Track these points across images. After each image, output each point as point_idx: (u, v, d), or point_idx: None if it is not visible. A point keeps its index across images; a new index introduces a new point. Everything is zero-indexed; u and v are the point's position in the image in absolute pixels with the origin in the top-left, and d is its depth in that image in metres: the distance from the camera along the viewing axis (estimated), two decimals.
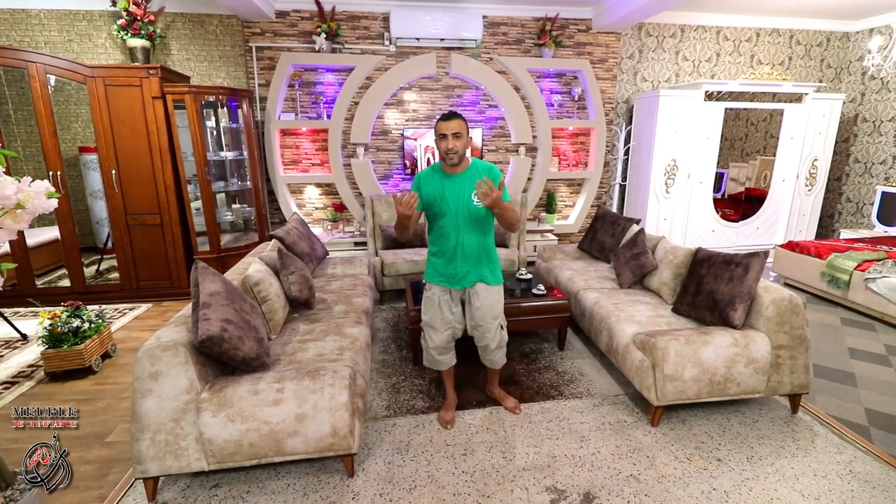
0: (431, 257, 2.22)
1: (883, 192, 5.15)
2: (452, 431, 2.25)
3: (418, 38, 4.51)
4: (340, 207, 4.86)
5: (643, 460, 2.06)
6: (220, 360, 1.90)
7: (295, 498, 1.85)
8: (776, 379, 2.31)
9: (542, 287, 3.03)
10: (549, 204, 5.20)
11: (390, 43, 4.58)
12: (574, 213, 5.34)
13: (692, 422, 2.34)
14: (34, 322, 3.29)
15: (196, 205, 4.13)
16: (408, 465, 2.02)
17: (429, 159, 4.82)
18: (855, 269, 3.82)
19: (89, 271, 4.15)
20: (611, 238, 3.67)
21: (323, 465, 2.03)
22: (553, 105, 5.00)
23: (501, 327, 2.28)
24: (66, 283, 3.97)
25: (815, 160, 5.24)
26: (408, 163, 4.83)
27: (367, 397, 2.38)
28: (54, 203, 1.58)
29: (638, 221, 3.59)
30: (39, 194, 1.54)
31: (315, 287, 2.91)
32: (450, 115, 2.02)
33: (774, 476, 1.98)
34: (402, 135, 4.80)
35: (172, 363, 1.73)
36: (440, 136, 2.03)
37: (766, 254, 2.38)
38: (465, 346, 2.54)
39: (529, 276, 3.31)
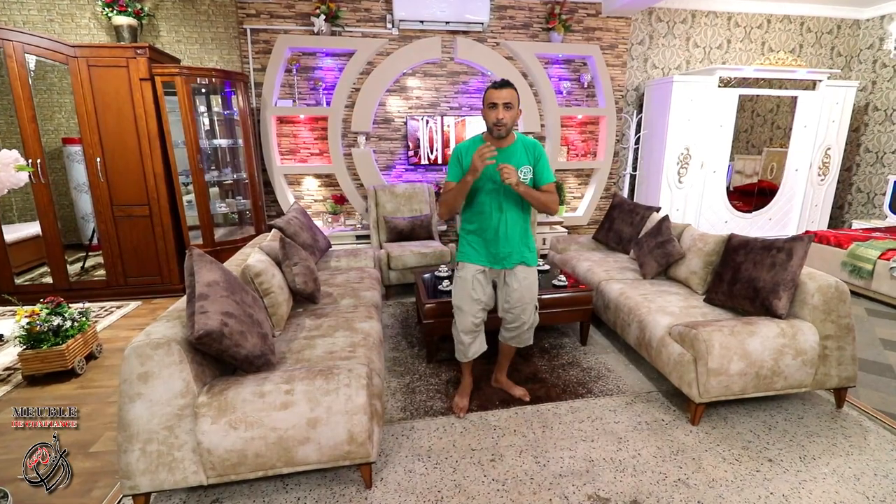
0: (468, 235, 2.10)
1: (895, 182, 5.04)
2: (477, 434, 2.05)
3: (422, 21, 4.30)
4: (341, 199, 4.63)
5: (689, 463, 1.88)
6: (219, 359, 1.68)
7: None
8: (823, 371, 2.14)
9: (563, 278, 2.84)
10: (557, 195, 5.00)
11: (393, 26, 4.36)
12: (583, 205, 5.16)
13: (734, 419, 2.16)
14: (10, 322, 3.03)
15: (188, 197, 3.89)
16: (431, 474, 1.82)
17: (432, 135, 4.60)
18: (879, 257, 3.68)
19: (73, 269, 3.89)
20: (629, 227, 3.49)
21: (336, 475, 1.81)
22: (562, 92, 4.81)
23: (536, 308, 2.18)
24: (48, 280, 3.71)
25: (829, 149, 5.11)
26: (411, 144, 4.60)
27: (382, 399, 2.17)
28: (24, 177, 1.35)
29: (658, 209, 3.42)
30: (6, 166, 1.31)
31: (319, 280, 2.69)
32: (503, 84, 1.90)
33: (832, 477, 1.80)
34: (406, 123, 4.58)
35: (165, 363, 1.51)
36: (490, 106, 1.91)
37: (810, 237, 2.21)
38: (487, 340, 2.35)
39: (547, 267, 3.12)
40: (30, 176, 3.37)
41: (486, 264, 2.08)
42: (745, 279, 2.30)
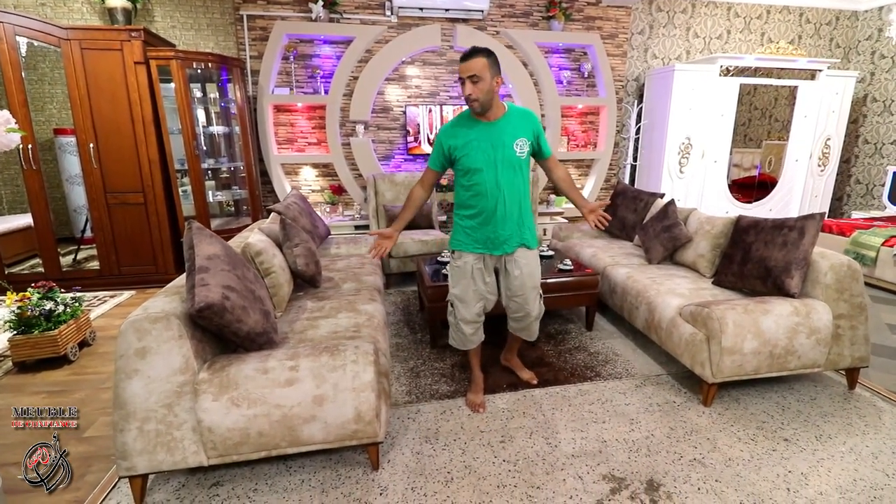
0: (462, 220, 1.95)
1: (894, 173, 5.04)
2: (485, 416, 2.00)
3: (421, 9, 4.25)
4: (339, 190, 4.57)
5: (704, 443, 1.83)
6: (219, 335, 1.61)
7: (312, 496, 1.57)
8: (836, 351, 2.11)
9: (568, 262, 2.80)
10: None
11: (392, 13, 4.30)
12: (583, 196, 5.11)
13: (747, 400, 2.12)
14: (0, 310, 2.94)
15: (183, 186, 3.80)
16: (440, 455, 1.76)
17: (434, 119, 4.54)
18: (882, 244, 3.67)
19: (66, 261, 3.79)
20: (633, 214, 3.45)
21: (342, 456, 1.75)
22: (562, 82, 4.78)
23: (540, 295, 2.05)
24: (39, 270, 3.61)
25: (829, 139, 5.11)
26: (410, 130, 4.53)
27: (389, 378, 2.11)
28: (15, 139, 1.28)
29: (662, 195, 3.39)
30: None
31: (321, 264, 2.63)
32: (469, 54, 1.71)
33: (850, 455, 1.77)
34: (405, 111, 4.52)
35: (164, 337, 1.44)
36: (460, 80, 1.76)
37: (822, 215, 2.17)
38: (491, 327, 2.29)
39: (552, 252, 3.07)
40: (21, 162, 3.29)
41: (484, 251, 1.92)
42: (756, 259, 2.26)
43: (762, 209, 5.20)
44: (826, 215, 5.42)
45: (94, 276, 3.62)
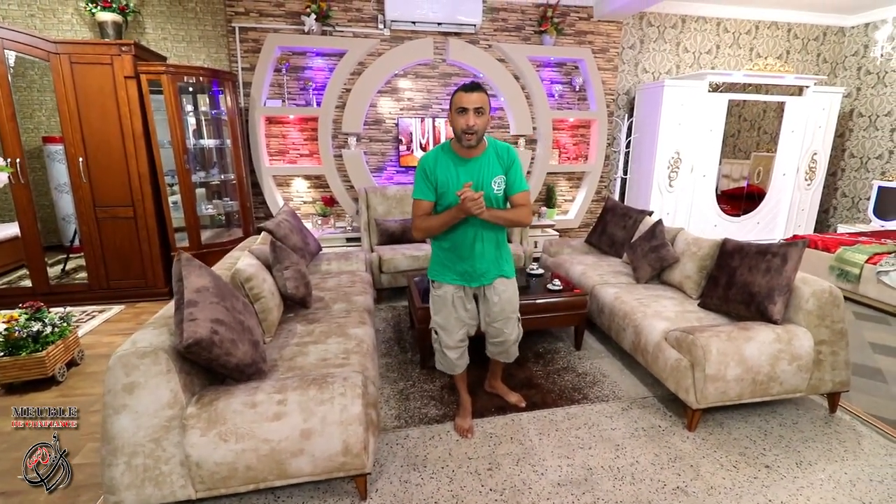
0: (441, 252, 1.97)
1: (880, 187, 5.13)
2: (473, 442, 2.02)
3: (414, 22, 4.26)
4: (330, 201, 4.57)
5: (687, 470, 1.87)
6: (208, 368, 1.62)
7: None
8: (817, 376, 2.15)
9: (557, 282, 2.82)
10: (548, 198, 5.01)
11: (384, 26, 4.31)
12: (574, 208, 5.17)
13: (730, 425, 2.16)
14: None
15: (173, 198, 3.79)
16: (427, 484, 1.78)
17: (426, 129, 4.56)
18: (866, 261, 3.74)
19: (54, 271, 3.76)
20: (622, 231, 3.49)
21: (329, 486, 1.76)
22: (553, 95, 4.81)
23: (518, 320, 2.09)
24: (27, 283, 3.58)
25: (815, 154, 5.20)
26: (403, 139, 4.54)
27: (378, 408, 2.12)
28: (3, 178, 1.28)
29: (651, 213, 3.43)
30: None
31: (311, 284, 2.63)
32: (472, 86, 1.72)
33: (829, 483, 1.81)
34: (397, 124, 4.53)
35: (152, 372, 1.44)
36: (459, 111, 1.72)
37: (804, 242, 2.22)
38: (477, 348, 2.31)
39: (541, 271, 3.10)
40: (9, 176, 3.26)
41: (462, 283, 1.95)
42: (741, 284, 2.30)
43: (750, 222, 5.28)
44: (812, 229, 5.52)
45: (83, 289, 3.59)
